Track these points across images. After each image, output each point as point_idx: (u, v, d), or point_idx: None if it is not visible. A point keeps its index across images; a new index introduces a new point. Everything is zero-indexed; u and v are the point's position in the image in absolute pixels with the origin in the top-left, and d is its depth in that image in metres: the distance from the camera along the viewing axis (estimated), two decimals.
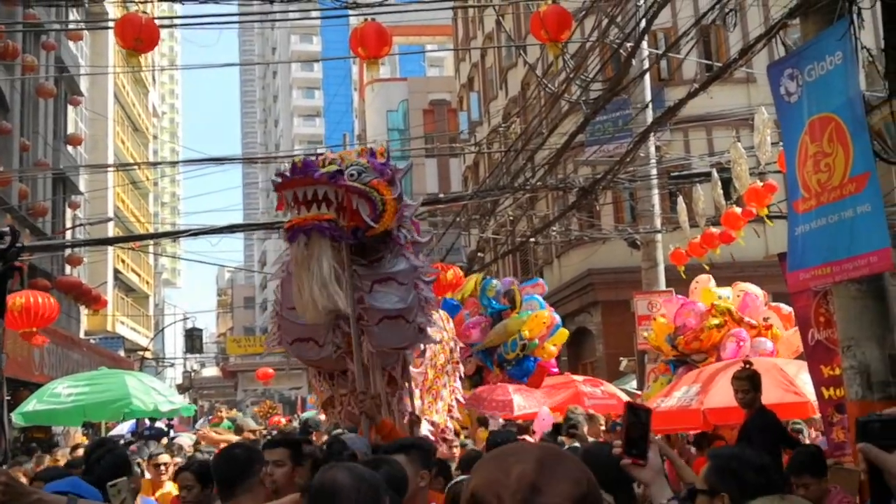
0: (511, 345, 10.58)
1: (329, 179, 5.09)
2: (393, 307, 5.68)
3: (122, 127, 39.08)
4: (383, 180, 5.42)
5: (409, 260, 5.75)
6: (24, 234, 20.12)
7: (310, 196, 5.10)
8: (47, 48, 22.16)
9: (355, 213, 5.22)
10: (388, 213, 5.40)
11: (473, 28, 31.59)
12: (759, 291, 10.61)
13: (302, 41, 77.53)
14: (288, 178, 5.14)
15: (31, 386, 14.63)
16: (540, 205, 21.53)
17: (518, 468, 1.51)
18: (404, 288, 5.71)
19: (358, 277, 5.66)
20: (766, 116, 9.73)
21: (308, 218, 5.06)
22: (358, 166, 5.33)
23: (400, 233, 5.71)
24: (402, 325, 5.80)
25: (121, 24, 6.14)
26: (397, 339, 5.92)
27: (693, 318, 10.21)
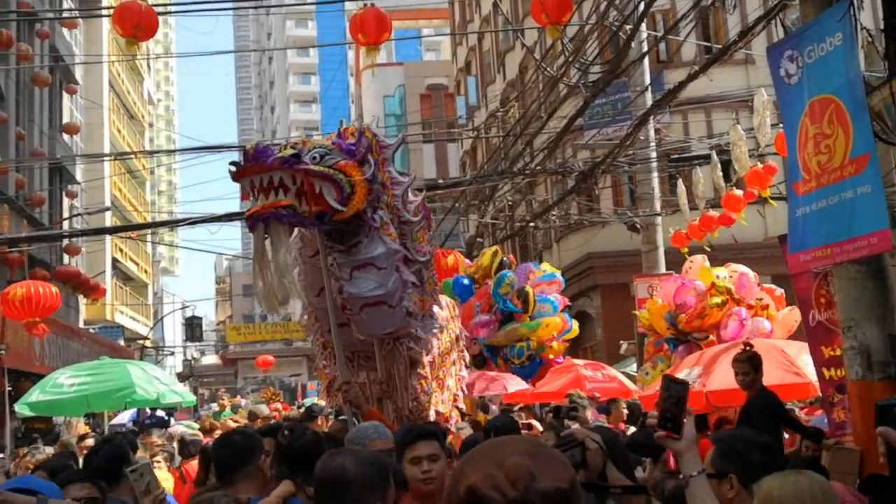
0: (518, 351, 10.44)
1: (282, 164, 4.88)
2: (372, 294, 5.48)
3: (118, 115, 38.96)
4: (352, 161, 5.21)
5: (385, 243, 5.47)
6: (22, 224, 20.10)
7: (265, 183, 4.90)
8: (42, 36, 22.05)
9: (319, 198, 5.01)
10: (358, 195, 5.18)
11: (470, 11, 31.47)
12: (751, 273, 10.65)
13: (297, 26, 77.16)
14: (242, 167, 4.96)
15: (32, 376, 14.63)
16: (539, 189, 21.52)
17: (511, 459, 1.57)
18: (383, 273, 5.48)
19: (336, 265, 5.49)
20: (765, 98, 9.71)
21: (265, 206, 4.87)
22: (321, 149, 5.14)
23: (376, 215, 5.45)
24: (385, 311, 5.58)
25: (119, 12, 6.10)
26: (382, 325, 5.69)
27: (692, 297, 10.20)
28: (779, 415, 6.11)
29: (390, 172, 5.67)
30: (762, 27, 7.07)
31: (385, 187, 5.55)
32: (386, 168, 5.60)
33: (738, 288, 10.30)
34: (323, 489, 2.79)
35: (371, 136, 5.55)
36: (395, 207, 5.62)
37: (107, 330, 32.11)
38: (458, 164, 34.06)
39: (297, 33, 76.34)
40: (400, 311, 5.64)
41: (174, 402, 12.44)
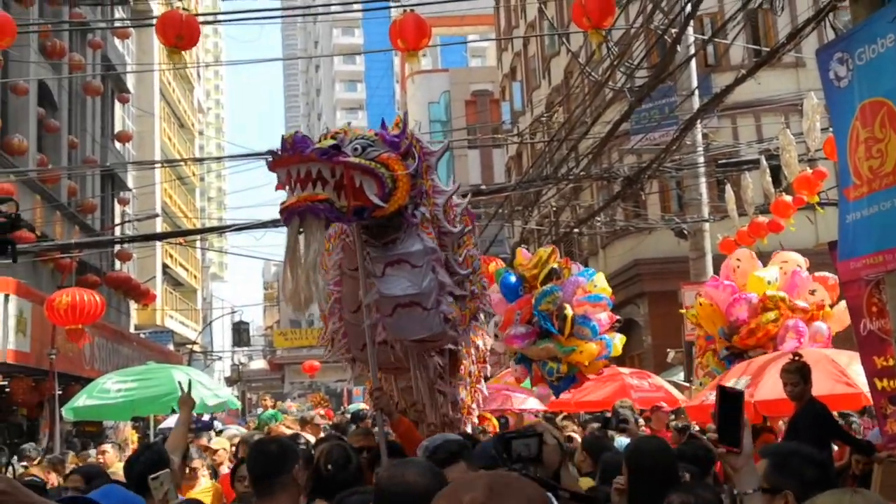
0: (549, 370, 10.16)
1: (321, 156, 4.58)
2: (404, 293, 5.12)
3: (169, 123, 39.61)
4: (395, 154, 4.92)
5: (423, 240, 5.15)
6: (74, 230, 20.49)
7: (303, 174, 4.60)
8: (94, 46, 22.52)
9: (359, 192, 4.72)
10: (400, 190, 4.88)
11: (516, 17, 31.40)
12: (800, 260, 10.28)
13: (344, 34, 77.81)
14: (279, 156, 4.64)
15: (81, 381, 14.88)
16: (584, 195, 21.34)
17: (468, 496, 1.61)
18: (418, 271, 5.14)
19: (370, 260, 5.17)
20: (815, 102, 9.51)
21: (301, 199, 4.57)
22: (363, 140, 4.87)
23: (417, 211, 5.15)
24: (419, 314, 5.19)
25: (161, 22, 6.17)
26: (416, 328, 5.26)
27: (745, 311, 9.93)
28: (828, 426, 5.95)
29: (433, 181, 5.38)
30: (811, 29, 6.91)
31: (427, 196, 5.30)
32: (429, 176, 5.33)
33: (789, 287, 10.01)
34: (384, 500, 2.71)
35: (415, 142, 5.29)
36: (436, 218, 5.35)
37: (156, 335, 32.61)
38: (504, 170, 33.97)
39: (343, 41, 76.98)
40: (436, 315, 5.27)
41: (218, 405, 12.54)
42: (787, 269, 10.13)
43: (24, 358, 13.35)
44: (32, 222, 17.48)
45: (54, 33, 18.59)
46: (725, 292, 10.24)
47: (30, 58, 17.74)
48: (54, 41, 18.81)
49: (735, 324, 9.93)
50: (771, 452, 3.07)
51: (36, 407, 15.28)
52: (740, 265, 10.34)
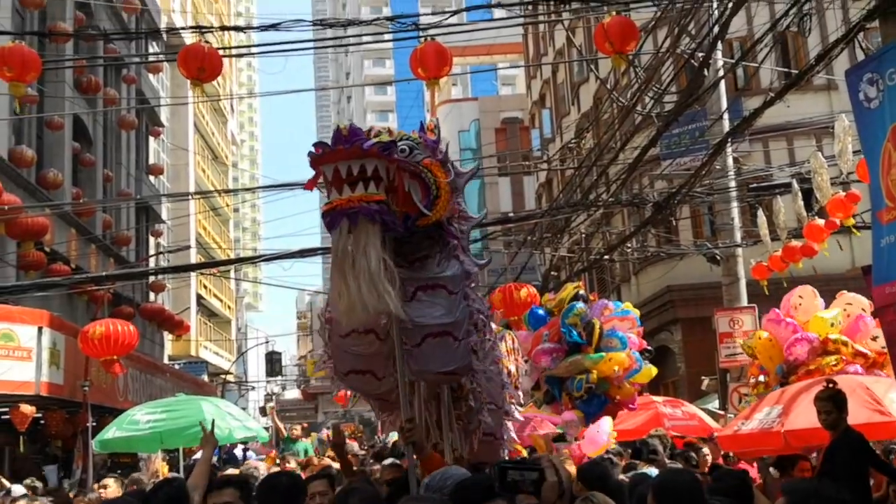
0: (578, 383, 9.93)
1: (381, 152, 4.12)
2: (437, 321, 4.57)
3: (203, 156, 40.10)
4: (436, 161, 4.52)
5: (462, 262, 4.67)
6: (109, 262, 20.73)
7: (356, 172, 4.09)
8: (128, 81, 22.91)
9: (407, 197, 4.26)
10: (443, 199, 4.45)
11: (544, 44, 31.47)
12: (865, 303, 9.83)
13: (375, 65, 78.58)
14: (330, 149, 4.12)
15: (115, 412, 14.93)
16: (615, 220, 21.20)
17: None
18: (454, 298, 4.63)
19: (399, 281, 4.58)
20: (846, 124, 9.35)
21: (353, 199, 4.06)
22: (409, 141, 4.42)
23: (455, 225, 4.70)
24: (448, 345, 4.65)
25: (184, 55, 6.23)
26: (443, 361, 4.73)
27: (805, 352, 9.62)
28: (865, 456, 5.76)
29: (459, 204, 4.91)
30: (840, 51, 6.80)
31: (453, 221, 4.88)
32: (455, 199, 4.87)
33: (851, 331, 9.69)
34: None
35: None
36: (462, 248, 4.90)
37: (191, 365, 32.79)
38: (535, 197, 33.90)
39: (374, 72, 77.71)
40: (465, 346, 4.77)
41: (247, 437, 12.52)
42: (850, 311, 9.84)
43: (58, 390, 13.44)
44: (68, 255, 17.71)
45: (89, 69, 18.95)
46: (787, 330, 9.89)
47: (65, 93, 18.07)
48: (89, 77, 19.17)
49: (794, 363, 9.66)
50: (790, 490, 2.94)
51: (70, 439, 15.37)
52: (802, 303, 10.04)
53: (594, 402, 9.62)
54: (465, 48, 37.92)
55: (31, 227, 13.80)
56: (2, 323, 12.41)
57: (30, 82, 6.88)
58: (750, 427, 7.90)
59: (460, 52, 39.40)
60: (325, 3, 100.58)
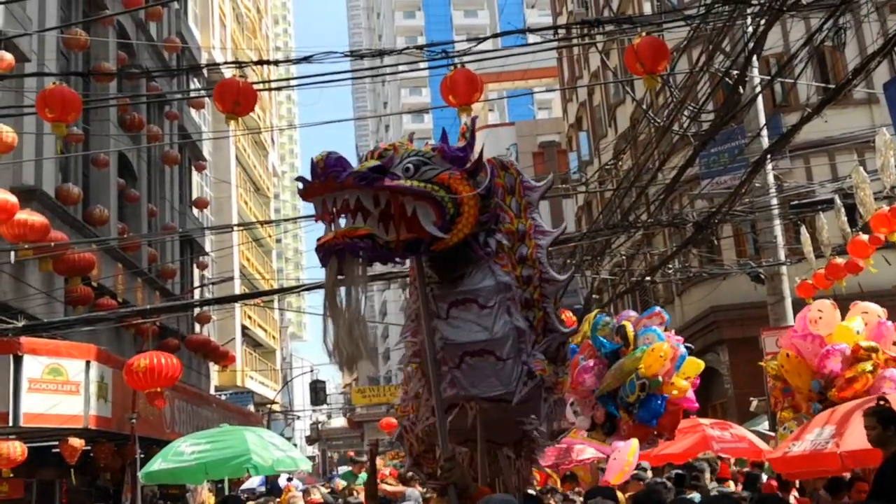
0: (629, 386, 9.61)
1: (358, 182, 3.84)
2: (471, 339, 4.29)
3: (245, 188, 40.63)
4: (459, 172, 4.14)
5: (495, 274, 4.34)
6: (155, 295, 21.01)
7: (339, 205, 3.88)
8: (170, 118, 23.32)
9: (412, 221, 3.97)
10: (465, 216, 4.13)
11: (579, 68, 31.51)
12: (880, 310, 9.93)
13: (412, 94, 79.29)
14: (310, 184, 3.91)
15: (163, 444, 15.07)
16: (657, 241, 21.04)
17: None
18: (488, 312, 4.30)
19: (432, 299, 4.41)
20: (887, 137, 9.23)
21: (339, 234, 3.86)
22: (416, 157, 4.11)
23: (491, 239, 4.39)
24: (492, 364, 4.32)
25: (219, 89, 6.35)
26: (490, 382, 4.34)
27: (839, 364, 9.51)
28: None
29: (535, 219, 4.68)
30: (877, 64, 6.72)
31: (528, 237, 4.61)
32: (530, 214, 4.67)
33: (875, 337, 9.64)
34: None
35: (515, 174, 4.72)
36: (538, 261, 4.58)
37: (237, 396, 33.05)
38: (574, 220, 33.81)
39: (411, 100, 78.38)
40: (515, 366, 4.34)
41: (289, 468, 12.57)
42: (867, 319, 9.77)
43: (106, 423, 13.62)
44: (114, 289, 17.99)
45: (132, 107, 19.35)
46: (814, 344, 9.79)
47: (109, 131, 18.44)
48: (133, 114, 19.56)
49: (829, 377, 9.52)
50: None
51: (119, 471, 15.55)
52: (822, 316, 9.96)
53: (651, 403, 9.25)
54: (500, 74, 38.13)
55: (79, 263, 14.07)
56: (50, 357, 12.63)
57: (71, 122, 7.04)
58: (802, 448, 7.74)
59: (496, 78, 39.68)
60: (361, 36, 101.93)
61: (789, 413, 10.07)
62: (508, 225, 4.58)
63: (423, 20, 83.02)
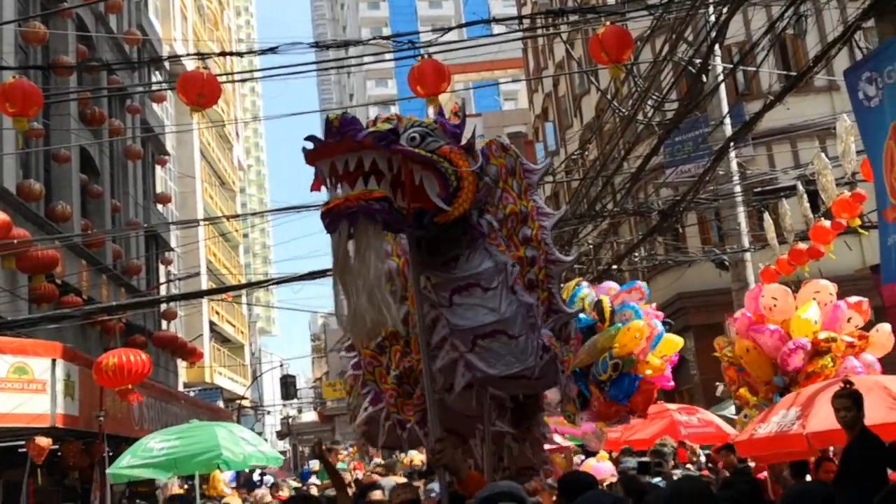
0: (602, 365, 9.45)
1: (377, 142, 3.73)
2: (481, 321, 4.19)
3: (210, 183, 40.26)
4: (458, 147, 4.11)
5: (493, 255, 4.26)
6: (120, 292, 20.79)
7: (352, 167, 3.72)
8: (132, 112, 23.03)
9: (419, 191, 3.88)
10: (465, 191, 4.05)
11: (544, 58, 31.59)
12: (831, 287, 10.00)
13: (378, 86, 78.98)
14: (322, 143, 3.74)
15: (131, 441, 14.93)
16: (623, 230, 21.19)
17: None
18: (492, 293, 4.21)
19: (431, 288, 4.31)
20: (848, 124, 9.36)
21: (352, 197, 3.67)
22: (420, 128, 4.05)
23: (482, 220, 4.31)
24: (505, 344, 4.23)
25: (183, 81, 6.29)
26: (507, 362, 4.26)
27: (801, 361, 9.59)
28: (882, 456, 5.71)
29: (535, 201, 4.72)
30: (837, 51, 6.82)
31: (531, 218, 4.62)
32: (531, 196, 4.70)
33: (831, 321, 9.74)
34: None
35: (515, 156, 4.70)
36: (543, 242, 4.59)
37: (206, 392, 32.81)
38: None
39: (377, 92, 78.10)
40: (529, 342, 4.27)
41: (260, 463, 12.51)
42: (820, 298, 9.84)
43: (73, 421, 13.46)
44: (79, 287, 17.78)
45: (93, 101, 19.07)
46: (773, 338, 9.82)
47: (70, 126, 18.19)
48: (93, 109, 19.30)
49: (793, 373, 9.62)
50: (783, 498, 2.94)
51: (88, 469, 15.38)
52: (777, 303, 9.95)
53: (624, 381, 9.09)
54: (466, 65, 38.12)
55: (42, 260, 13.87)
56: (15, 356, 12.46)
57: (32, 116, 6.94)
58: (768, 430, 7.83)
59: (462, 69, 39.55)
60: (325, 27, 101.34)
61: (746, 391, 10.14)
62: (512, 206, 4.55)
63: (387, 11, 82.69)
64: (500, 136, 4.93)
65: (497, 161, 4.60)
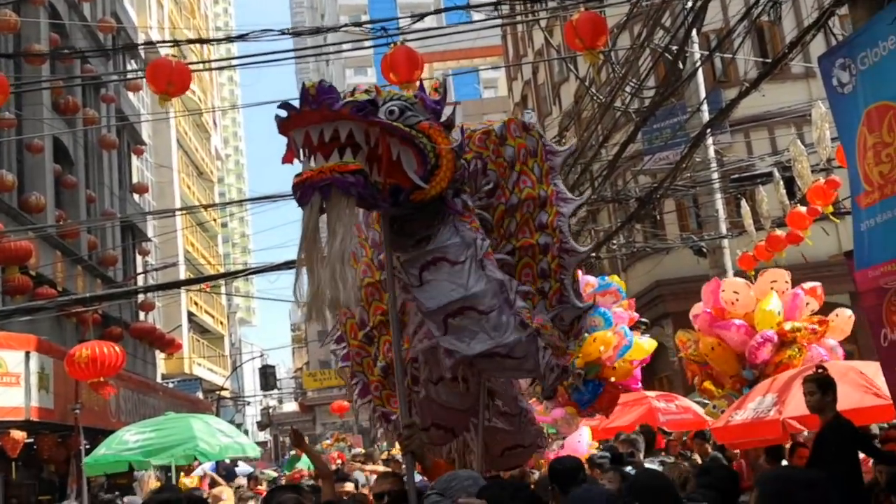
0: None
1: (355, 113, 3.57)
2: (449, 298, 3.97)
3: (187, 172, 39.98)
4: (438, 124, 3.96)
5: (459, 231, 4.05)
6: (96, 283, 20.60)
7: (328, 137, 3.56)
8: (107, 101, 22.79)
9: (396, 167, 3.73)
10: (443, 169, 3.89)
11: (523, 46, 31.52)
12: (786, 275, 9.98)
13: (356, 74, 78.57)
14: (296, 112, 3.57)
15: (108, 434, 14.84)
16: (602, 217, 21.20)
17: None
18: (459, 268, 3.99)
19: (401, 267, 4.13)
20: (823, 111, 9.38)
21: (325, 169, 3.50)
22: (399, 101, 3.87)
23: (458, 199, 4.11)
24: (475, 320, 4.00)
25: (151, 70, 6.20)
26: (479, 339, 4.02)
27: (769, 353, 9.60)
28: (853, 440, 5.72)
29: (556, 185, 4.48)
30: (812, 37, 6.80)
31: (549, 203, 4.41)
32: (552, 179, 4.47)
33: (791, 310, 9.74)
34: None
35: (537, 136, 4.51)
36: (559, 230, 4.38)
37: (185, 383, 32.66)
38: None
39: (356, 80, 77.70)
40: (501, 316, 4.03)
41: (237, 454, 12.47)
42: (777, 287, 9.84)
43: (48, 414, 13.35)
44: (54, 278, 17.59)
45: (67, 90, 18.85)
46: (739, 332, 9.79)
47: (43, 115, 17.96)
48: (67, 98, 19.07)
49: (762, 365, 9.63)
50: (760, 482, 2.92)
51: (64, 463, 15.28)
52: (739, 297, 9.86)
53: (587, 388, 9.08)
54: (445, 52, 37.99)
55: (15, 252, 13.72)
56: None
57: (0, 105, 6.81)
58: (744, 416, 7.86)
59: (441, 57, 39.37)
60: (303, 15, 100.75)
61: (710, 384, 10.12)
62: (529, 190, 4.38)
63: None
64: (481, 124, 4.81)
65: (515, 142, 4.43)
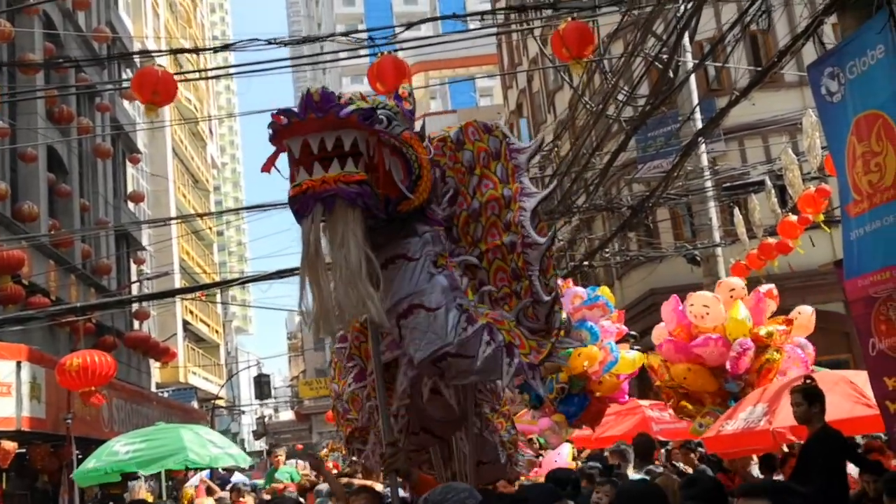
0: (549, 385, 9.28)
1: (361, 120, 3.44)
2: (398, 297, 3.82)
3: (183, 181, 39.93)
4: (415, 134, 3.87)
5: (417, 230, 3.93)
6: (90, 293, 20.54)
7: (330, 146, 3.41)
8: (102, 110, 22.76)
9: (388, 177, 3.61)
10: (425, 179, 3.81)
11: (518, 54, 31.59)
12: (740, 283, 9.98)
13: (353, 82, 78.66)
14: (299, 119, 3.42)
15: (100, 443, 14.75)
16: (596, 226, 21.19)
17: None
18: (414, 264, 3.84)
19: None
20: (814, 119, 9.39)
21: (329, 179, 3.36)
22: (386, 110, 3.72)
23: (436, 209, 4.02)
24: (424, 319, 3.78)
25: (137, 79, 6.18)
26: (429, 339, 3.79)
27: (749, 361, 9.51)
28: (839, 451, 5.70)
29: (522, 183, 4.28)
30: (801, 45, 6.81)
31: (513, 201, 4.22)
32: (518, 177, 4.27)
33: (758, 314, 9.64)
34: None
35: (501, 136, 4.34)
36: (520, 225, 4.16)
37: (180, 392, 32.56)
38: None
39: (353, 89, 77.81)
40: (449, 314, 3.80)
41: (228, 464, 12.41)
42: (736, 295, 9.71)
43: (40, 424, 13.29)
44: (47, 287, 17.54)
45: (61, 99, 18.83)
46: (718, 346, 9.54)
47: (37, 125, 17.93)
48: (61, 107, 19.04)
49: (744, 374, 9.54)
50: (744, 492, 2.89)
51: (57, 473, 15.20)
52: (710, 310, 9.61)
53: (573, 401, 9.03)
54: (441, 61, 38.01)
55: (8, 261, 13.69)
56: None
57: None
58: (735, 427, 7.83)
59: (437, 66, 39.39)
60: (300, 24, 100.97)
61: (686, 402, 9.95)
62: (492, 192, 4.23)
63: (362, 7, 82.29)
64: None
65: (474, 146, 4.30)
